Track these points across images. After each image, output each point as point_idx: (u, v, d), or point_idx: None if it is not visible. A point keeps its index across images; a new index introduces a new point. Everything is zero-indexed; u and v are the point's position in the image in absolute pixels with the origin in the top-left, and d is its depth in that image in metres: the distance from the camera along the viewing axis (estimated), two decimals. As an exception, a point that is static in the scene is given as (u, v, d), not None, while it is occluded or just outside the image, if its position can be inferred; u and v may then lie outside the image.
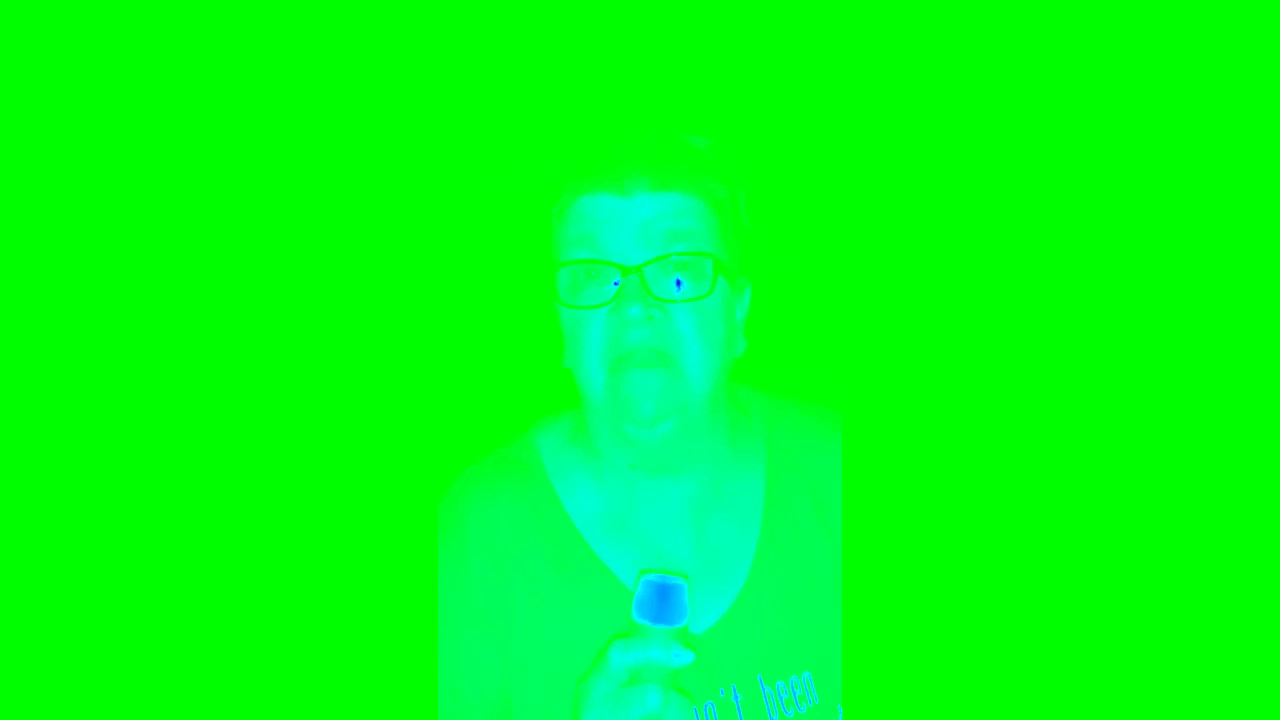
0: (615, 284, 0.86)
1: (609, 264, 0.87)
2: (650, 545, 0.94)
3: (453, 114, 0.83)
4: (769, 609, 0.92)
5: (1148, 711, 0.60)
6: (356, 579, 0.70)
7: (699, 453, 0.93)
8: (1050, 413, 0.63)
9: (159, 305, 0.63)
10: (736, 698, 0.90)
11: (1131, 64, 0.62)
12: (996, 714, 0.64)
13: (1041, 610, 0.63)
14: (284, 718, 0.65)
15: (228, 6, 0.66)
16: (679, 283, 0.87)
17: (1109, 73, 0.63)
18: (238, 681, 0.63)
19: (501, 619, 0.91)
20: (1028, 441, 0.64)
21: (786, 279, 1.01)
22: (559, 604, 0.92)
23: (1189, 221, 0.60)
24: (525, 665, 0.90)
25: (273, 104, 0.68)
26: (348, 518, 0.70)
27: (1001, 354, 0.65)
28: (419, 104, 0.79)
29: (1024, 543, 0.63)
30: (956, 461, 0.66)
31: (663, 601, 0.80)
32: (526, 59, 1.01)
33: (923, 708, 0.65)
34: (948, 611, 0.65)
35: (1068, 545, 0.62)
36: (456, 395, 0.81)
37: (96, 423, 0.60)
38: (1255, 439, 0.59)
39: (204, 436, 0.64)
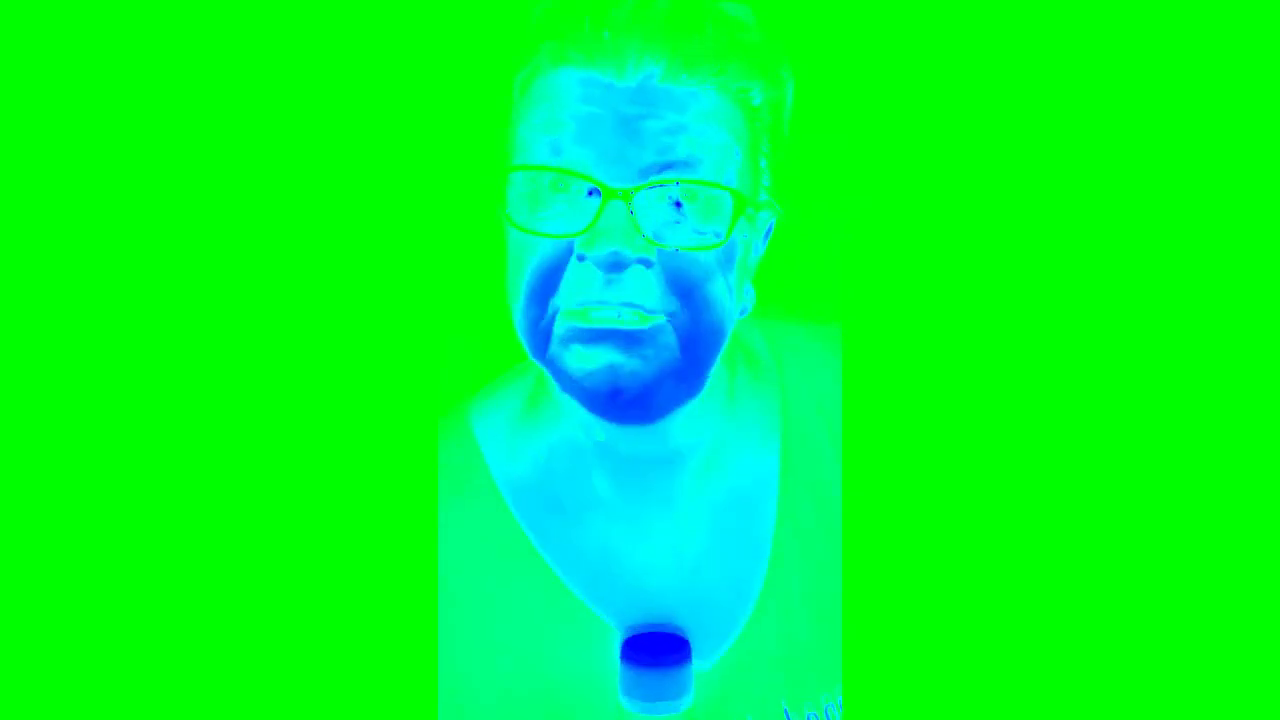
0: (592, 195, 0.59)
1: (587, 179, 0.60)
2: (633, 541, 0.70)
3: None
4: (793, 618, 0.69)
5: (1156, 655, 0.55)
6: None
7: (693, 420, 0.68)
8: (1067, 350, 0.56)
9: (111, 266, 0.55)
10: None
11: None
12: (1002, 664, 0.55)
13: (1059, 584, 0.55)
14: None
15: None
16: (679, 205, 0.60)
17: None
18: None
19: (459, 650, 0.69)
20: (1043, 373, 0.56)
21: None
22: (524, 647, 0.69)
23: (1194, 163, 0.55)
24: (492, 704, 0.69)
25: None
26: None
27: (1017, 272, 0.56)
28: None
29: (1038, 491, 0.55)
30: (968, 391, 0.57)
31: (656, 684, 0.59)
32: None
33: (927, 655, 0.56)
34: (956, 563, 0.56)
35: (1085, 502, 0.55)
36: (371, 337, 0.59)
37: (85, 391, 0.55)
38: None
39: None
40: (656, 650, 0.60)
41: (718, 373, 0.67)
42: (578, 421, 0.68)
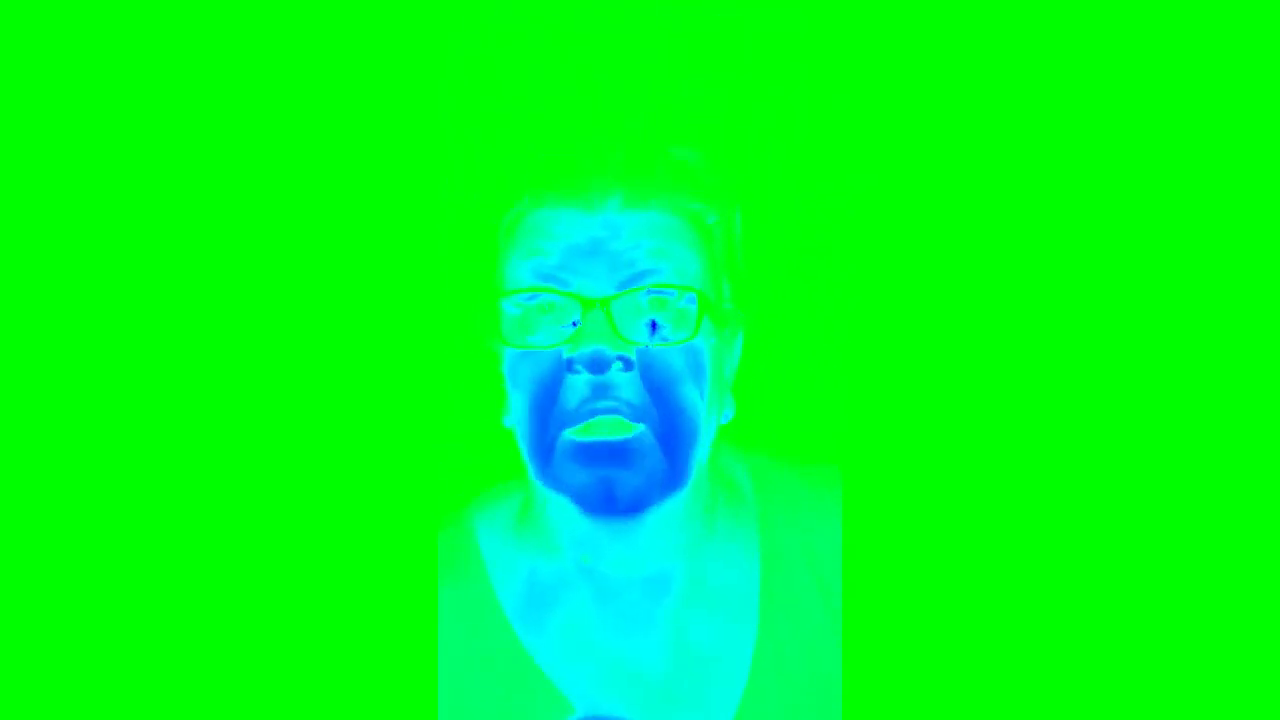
0: (574, 324, 0.68)
1: (567, 295, 0.68)
2: (617, 664, 0.75)
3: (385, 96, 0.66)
4: None
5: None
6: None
7: (674, 543, 0.74)
8: (1061, 465, 0.58)
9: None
10: None
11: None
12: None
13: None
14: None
15: None
16: (654, 326, 0.69)
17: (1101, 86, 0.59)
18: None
19: None
20: (1041, 500, 0.58)
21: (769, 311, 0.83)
22: None
23: (1191, 236, 0.57)
24: None
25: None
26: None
27: (1015, 392, 0.59)
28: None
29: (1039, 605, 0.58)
30: (970, 521, 0.60)
31: None
32: (481, 46, 0.84)
33: None
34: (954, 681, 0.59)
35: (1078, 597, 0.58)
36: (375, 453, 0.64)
37: (68, 439, 0.57)
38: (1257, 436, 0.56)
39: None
40: None
41: (698, 500, 0.74)
42: (565, 545, 0.75)
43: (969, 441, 0.60)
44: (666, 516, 0.72)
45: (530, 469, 0.72)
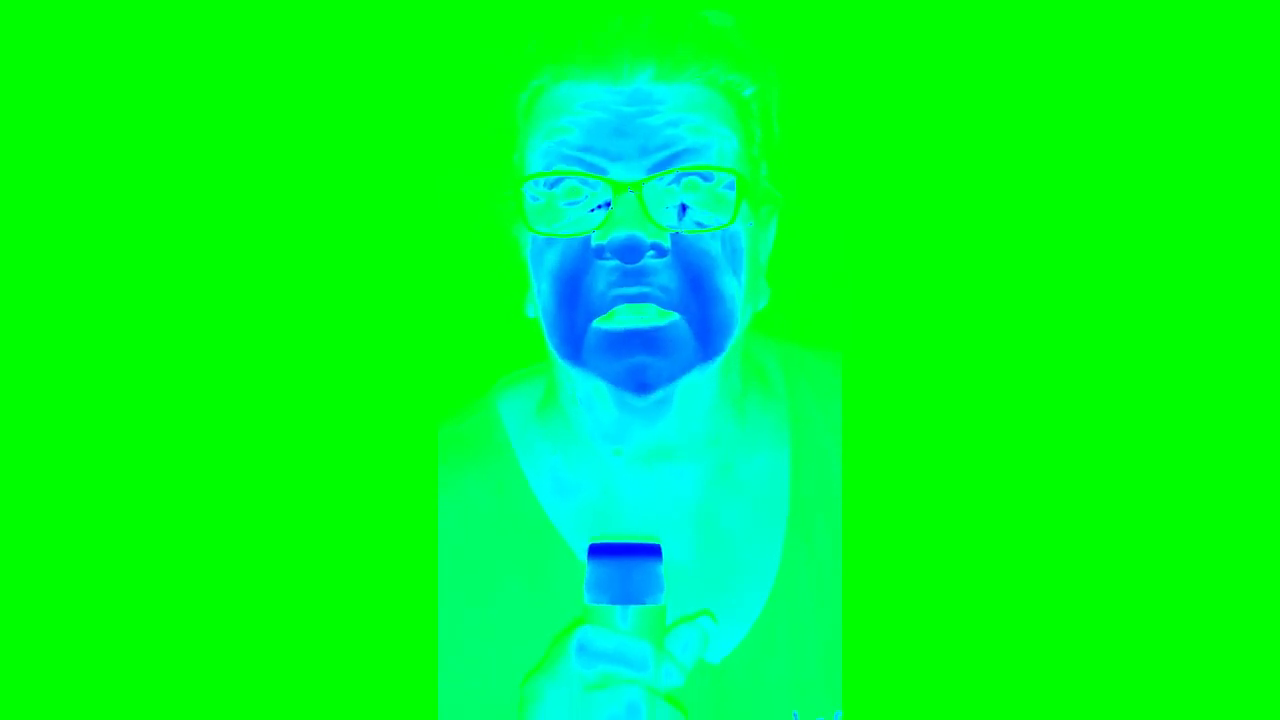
0: (603, 206, 0.63)
1: (596, 177, 0.63)
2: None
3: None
4: (803, 624, 0.71)
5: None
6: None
7: (703, 431, 0.71)
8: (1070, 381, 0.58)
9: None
10: None
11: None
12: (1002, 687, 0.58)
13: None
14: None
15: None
16: (684, 208, 0.64)
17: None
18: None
19: (466, 623, 0.70)
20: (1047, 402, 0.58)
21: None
22: (534, 623, 0.70)
23: (1201, 174, 0.57)
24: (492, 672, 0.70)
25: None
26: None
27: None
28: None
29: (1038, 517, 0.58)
30: (972, 413, 0.59)
31: (628, 571, 0.59)
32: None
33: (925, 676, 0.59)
34: (954, 584, 0.59)
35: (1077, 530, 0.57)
36: (392, 344, 0.63)
37: (85, 398, 0.57)
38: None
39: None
40: (625, 549, 0.60)
41: (728, 388, 0.70)
42: (592, 433, 0.71)
43: (998, 333, 0.59)
44: (695, 404, 0.68)
45: (557, 357, 0.68)
